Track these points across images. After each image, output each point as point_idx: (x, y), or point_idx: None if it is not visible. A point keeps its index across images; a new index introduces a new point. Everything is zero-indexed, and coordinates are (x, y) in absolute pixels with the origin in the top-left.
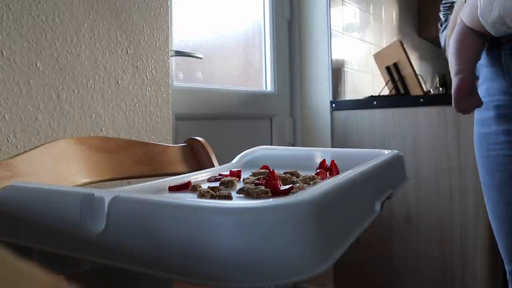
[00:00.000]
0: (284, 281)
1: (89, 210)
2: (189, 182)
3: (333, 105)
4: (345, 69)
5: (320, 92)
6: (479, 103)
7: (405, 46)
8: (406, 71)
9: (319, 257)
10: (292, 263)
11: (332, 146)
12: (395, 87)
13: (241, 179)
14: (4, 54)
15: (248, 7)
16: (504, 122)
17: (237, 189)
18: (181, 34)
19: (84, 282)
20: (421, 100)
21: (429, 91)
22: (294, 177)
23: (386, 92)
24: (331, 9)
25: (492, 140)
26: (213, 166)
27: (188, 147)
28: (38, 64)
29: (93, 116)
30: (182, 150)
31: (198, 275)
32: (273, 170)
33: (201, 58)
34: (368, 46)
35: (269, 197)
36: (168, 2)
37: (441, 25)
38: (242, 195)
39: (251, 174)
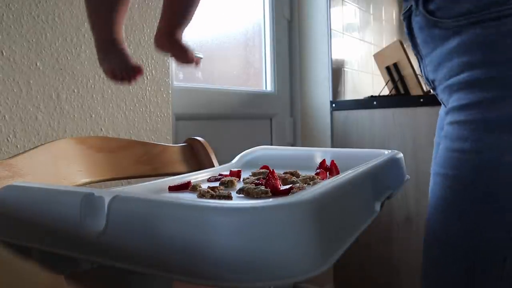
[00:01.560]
0: (284, 281)
1: (89, 210)
2: (189, 182)
3: (333, 105)
4: (345, 69)
5: (320, 92)
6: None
7: (405, 46)
8: (406, 71)
9: (319, 257)
10: (292, 263)
11: (332, 146)
12: (395, 87)
13: (241, 179)
14: (4, 53)
15: (248, 7)
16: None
17: (237, 189)
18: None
19: (83, 282)
20: (421, 100)
21: (429, 91)
22: (294, 177)
23: (386, 92)
24: (331, 9)
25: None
26: (213, 166)
27: (188, 147)
28: (38, 64)
29: (93, 116)
30: (182, 150)
31: (198, 275)
32: (273, 170)
33: (201, 58)
34: (368, 46)
35: (269, 197)
36: None
37: None
38: (242, 195)
39: (251, 174)
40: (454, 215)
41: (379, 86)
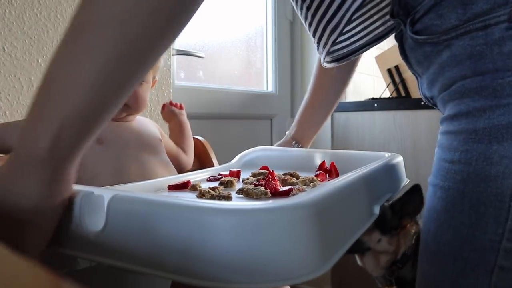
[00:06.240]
0: (283, 283)
1: (88, 208)
2: (188, 182)
3: None
4: None
5: None
6: None
7: None
8: (407, 74)
9: (318, 259)
10: (291, 265)
11: (332, 148)
12: (396, 89)
13: (241, 179)
14: (6, 50)
15: (251, 7)
16: None
17: (237, 189)
18: (183, 33)
19: (81, 281)
20: (422, 103)
21: None
22: (294, 179)
23: (387, 94)
24: None
25: None
26: (212, 165)
27: None
28: (39, 61)
29: None
30: None
31: (196, 276)
32: (272, 171)
33: (202, 58)
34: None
35: (268, 198)
36: None
37: None
38: (242, 196)
39: (250, 174)
40: (444, 225)
41: (380, 88)
